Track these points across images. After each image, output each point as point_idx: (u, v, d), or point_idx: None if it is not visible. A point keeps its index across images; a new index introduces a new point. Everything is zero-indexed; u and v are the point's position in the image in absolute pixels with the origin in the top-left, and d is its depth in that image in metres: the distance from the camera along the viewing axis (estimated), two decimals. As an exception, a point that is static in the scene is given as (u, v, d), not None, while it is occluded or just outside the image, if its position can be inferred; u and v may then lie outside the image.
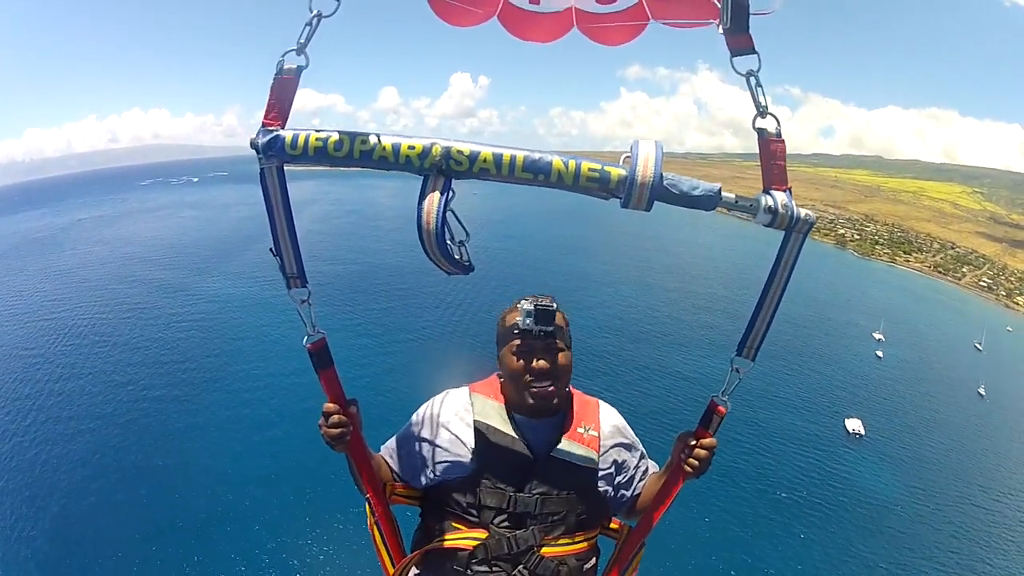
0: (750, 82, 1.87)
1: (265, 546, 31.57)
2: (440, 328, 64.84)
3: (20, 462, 38.63)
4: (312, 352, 2.09)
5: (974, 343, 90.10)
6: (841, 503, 40.16)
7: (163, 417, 44.04)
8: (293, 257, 2.00)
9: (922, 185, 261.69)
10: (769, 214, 1.86)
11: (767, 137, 1.90)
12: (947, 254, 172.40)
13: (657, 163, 1.77)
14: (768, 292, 2.03)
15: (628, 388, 51.73)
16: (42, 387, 48.82)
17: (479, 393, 2.41)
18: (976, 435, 55.57)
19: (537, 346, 2.24)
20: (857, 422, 51.24)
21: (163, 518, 32.98)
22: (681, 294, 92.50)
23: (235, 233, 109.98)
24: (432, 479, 2.36)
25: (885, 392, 61.99)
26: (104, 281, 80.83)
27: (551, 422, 2.35)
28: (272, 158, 1.86)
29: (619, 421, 2.49)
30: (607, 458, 2.38)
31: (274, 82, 1.87)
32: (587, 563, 2.33)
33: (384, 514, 2.36)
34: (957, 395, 65.36)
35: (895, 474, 45.10)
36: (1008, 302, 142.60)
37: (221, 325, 63.49)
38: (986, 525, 40.55)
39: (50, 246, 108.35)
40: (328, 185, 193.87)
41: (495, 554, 2.18)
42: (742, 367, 2.12)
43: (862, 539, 36.90)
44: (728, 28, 1.85)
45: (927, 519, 40.08)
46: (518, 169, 1.80)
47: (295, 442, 38.50)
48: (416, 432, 2.42)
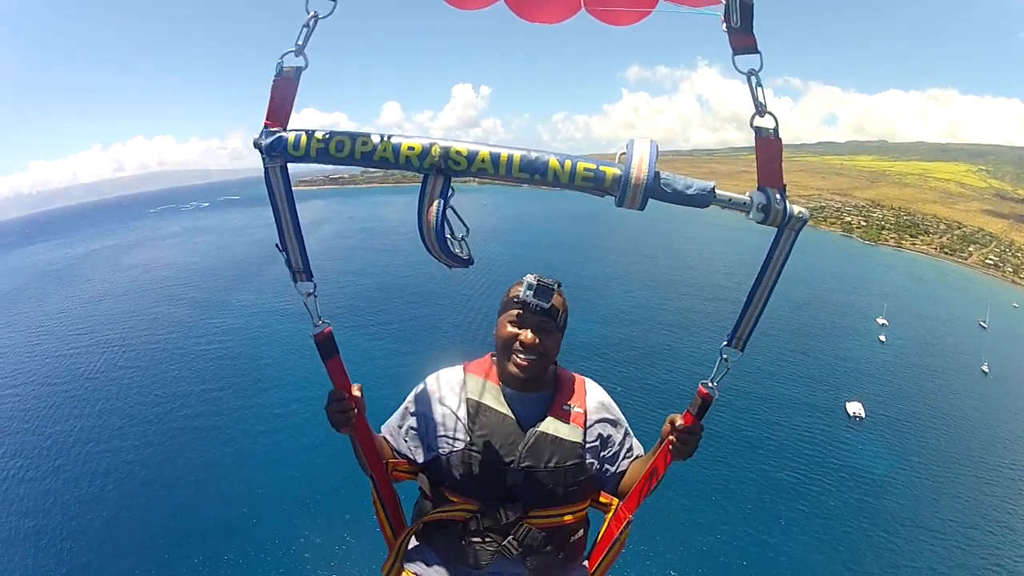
0: (751, 81, 1.92)
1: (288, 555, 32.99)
2: (453, 333, 65.76)
3: (53, 483, 40.59)
4: (318, 341, 2.20)
5: (979, 321, 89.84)
6: (841, 482, 41.03)
7: (190, 439, 45.36)
8: (298, 252, 2.08)
9: (927, 167, 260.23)
10: (762, 212, 1.92)
11: (764, 136, 1.96)
12: (953, 234, 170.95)
13: (651, 162, 1.81)
14: (759, 286, 2.09)
15: (625, 377, 53.44)
16: (69, 410, 50.50)
17: (472, 372, 2.54)
18: (977, 412, 55.81)
19: (531, 320, 2.35)
20: (858, 405, 52.02)
21: (188, 535, 34.62)
22: (681, 287, 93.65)
23: (252, 256, 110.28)
24: (429, 454, 2.48)
25: (887, 375, 62.47)
26: (126, 309, 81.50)
27: (540, 398, 2.47)
28: (276, 158, 1.94)
29: (604, 398, 2.58)
30: (592, 432, 2.47)
31: (274, 83, 1.94)
32: (575, 535, 2.47)
33: (387, 491, 2.51)
34: (960, 374, 65.59)
35: (894, 455, 45.63)
36: (1015, 278, 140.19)
37: (246, 346, 64.09)
38: (986, 497, 41.11)
39: (67, 277, 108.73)
40: (338, 204, 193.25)
41: (486, 525, 2.32)
42: (731, 356, 2.20)
43: (862, 517, 37.59)
44: (733, 26, 1.90)
45: (926, 496, 40.62)
46: (515, 168, 1.86)
47: (317, 467, 39.60)
48: (413, 409, 2.55)
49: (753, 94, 1.91)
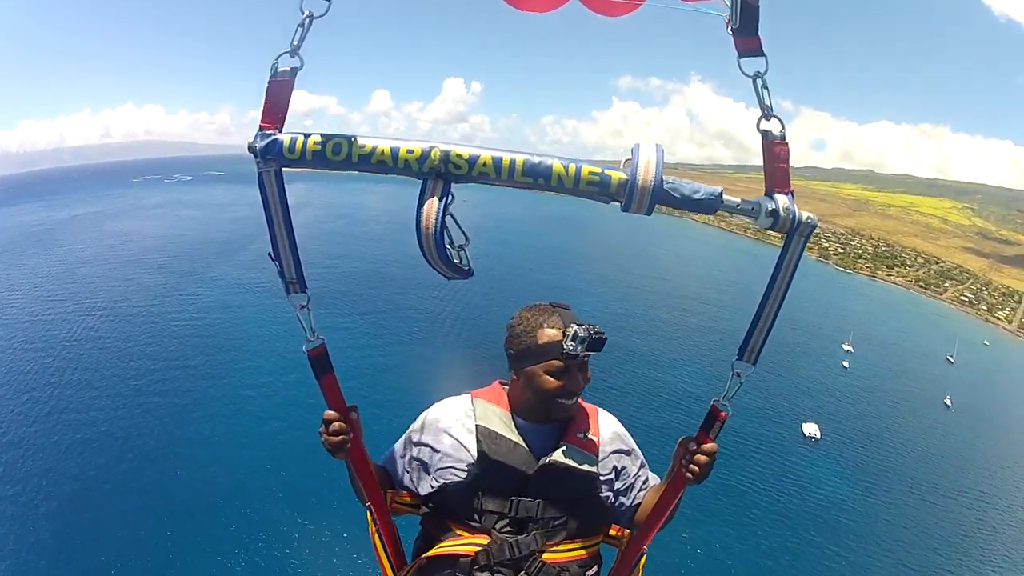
0: (756, 84, 1.88)
1: (261, 536, 32.75)
2: (432, 330, 66.12)
3: (24, 451, 39.55)
4: (312, 358, 2.11)
5: (946, 355, 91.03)
6: (794, 501, 41.92)
7: (165, 412, 45.14)
8: (292, 262, 2.00)
9: (912, 200, 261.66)
10: (771, 217, 1.87)
11: (771, 139, 1.91)
12: (931, 269, 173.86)
13: (658, 167, 1.77)
14: (770, 295, 2.02)
15: (626, 395, 52.80)
16: (45, 379, 49.39)
17: (481, 399, 2.43)
18: (936, 441, 57.17)
19: (579, 368, 2.26)
20: (814, 426, 52.82)
21: (163, 509, 34.06)
22: (677, 299, 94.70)
23: (234, 233, 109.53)
24: (434, 485, 2.35)
25: (847, 400, 63.39)
26: (105, 278, 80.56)
27: (553, 427, 2.35)
28: (270, 162, 1.88)
29: (619, 428, 2.50)
30: (606, 464, 2.38)
31: (269, 85, 1.88)
32: (589, 570, 2.34)
33: (385, 523, 2.38)
34: (921, 404, 66.64)
35: (848, 475, 46.66)
36: (989, 316, 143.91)
37: (222, 321, 64.58)
38: (937, 521, 42.58)
39: (49, 241, 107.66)
40: (320, 188, 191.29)
41: (497, 560, 2.18)
42: (743, 371, 2.12)
43: (812, 530, 38.80)
44: (737, 28, 1.86)
45: (878, 516, 41.83)
46: (518, 173, 1.80)
47: (293, 442, 39.48)
48: (417, 439, 2.43)
49: (759, 97, 1.91)
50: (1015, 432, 66.06)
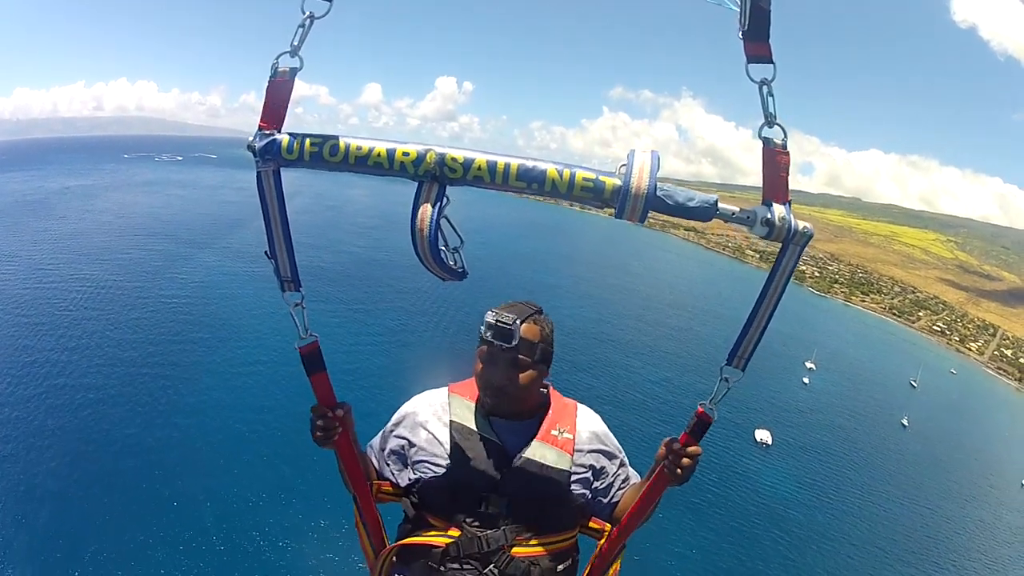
0: (762, 91, 1.80)
1: (251, 526, 32.29)
2: (416, 324, 66.59)
3: (9, 430, 37.78)
4: (304, 355, 2.11)
5: (910, 380, 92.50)
6: (742, 500, 43.64)
7: (153, 392, 44.48)
8: (288, 261, 2.00)
9: (895, 230, 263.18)
10: (766, 226, 1.82)
11: (773, 148, 1.85)
12: (906, 298, 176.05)
13: (653, 174, 1.73)
14: (762, 303, 1.97)
15: (610, 397, 54.21)
16: (34, 356, 47.93)
17: (457, 394, 2.45)
18: (886, 455, 59.22)
19: (499, 357, 2.24)
20: (766, 433, 54.39)
21: (151, 494, 33.09)
22: (662, 306, 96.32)
23: (224, 215, 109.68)
24: (411, 478, 2.40)
25: (803, 412, 64.97)
26: (96, 252, 79.36)
27: (528, 424, 2.37)
28: (269, 162, 1.87)
29: (599, 427, 2.48)
30: (582, 460, 2.36)
31: (269, 85, 1.87)
32: (561, 563, 2.33)
33: (369, 512, 2.43)
34: (877, 423, 68.45)
35: (796, 479, 48.88)
36: (960, 347, 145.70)
37: (213, 302, 64.54)
38: (880, 529, 44.57)
39: (41, 211, 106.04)
40: (311, 177, 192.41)
41: (466, 552, 2.19)
42: (732, 376, 2.05)
43: (759, 528, 40.58)
44: (746, 32, 1.78)
45: (823, 520, 43.69)
46: (512, 177, 1.77)
47: (284, 425, 39.44)
48: (395, 432, 2.47)
49: (764, 104, 1.83)
50: (968, 450, 68.70)
